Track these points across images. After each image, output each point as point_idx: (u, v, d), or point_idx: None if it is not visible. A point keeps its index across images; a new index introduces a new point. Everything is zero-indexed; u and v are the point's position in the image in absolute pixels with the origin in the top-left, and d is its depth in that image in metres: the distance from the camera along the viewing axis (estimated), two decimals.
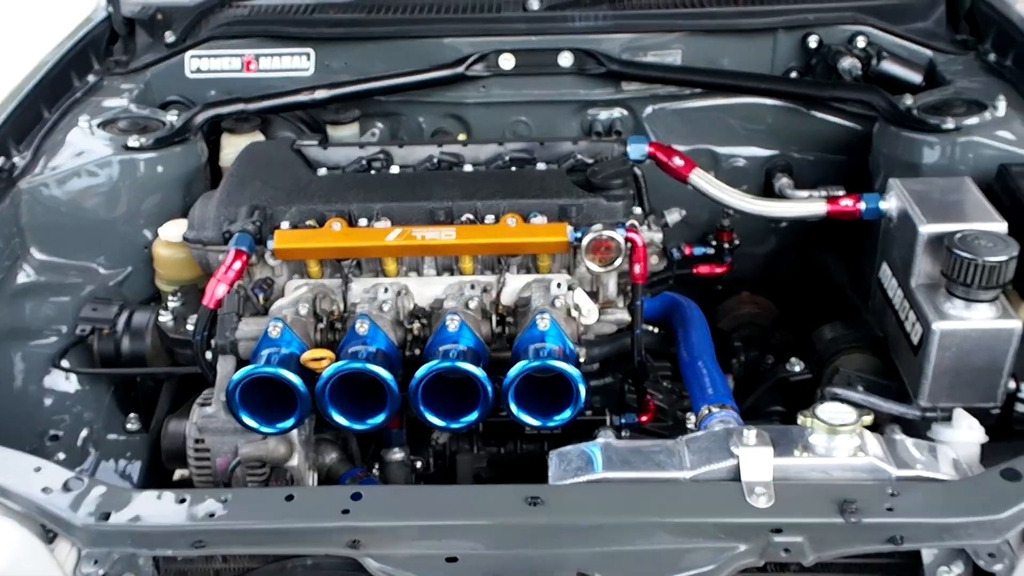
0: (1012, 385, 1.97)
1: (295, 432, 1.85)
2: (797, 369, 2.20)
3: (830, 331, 2.26)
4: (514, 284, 2.00)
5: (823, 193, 2.31)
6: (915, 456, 1.61)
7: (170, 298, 2.19)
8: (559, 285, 1.92)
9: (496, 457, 2.14)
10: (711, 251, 2.54)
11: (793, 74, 2.65)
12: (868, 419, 1.59)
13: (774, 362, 2.29)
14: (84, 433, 2.13)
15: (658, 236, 2.13)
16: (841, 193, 2.23)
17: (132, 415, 2.17)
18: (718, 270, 2.53)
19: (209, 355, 1.93)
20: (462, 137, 2.67)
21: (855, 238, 2.46)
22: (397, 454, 2.09)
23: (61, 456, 2.08)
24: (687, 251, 2.52)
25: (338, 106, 2.58)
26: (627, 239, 1.95)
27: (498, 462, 2.14)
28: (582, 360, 2.02)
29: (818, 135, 2.66)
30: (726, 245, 2.53)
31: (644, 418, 2.07)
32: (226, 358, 1.91)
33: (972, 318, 1.91)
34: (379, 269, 2.03)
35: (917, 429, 1.89)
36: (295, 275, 2.06)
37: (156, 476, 2.11)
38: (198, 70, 2.69)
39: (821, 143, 2.66)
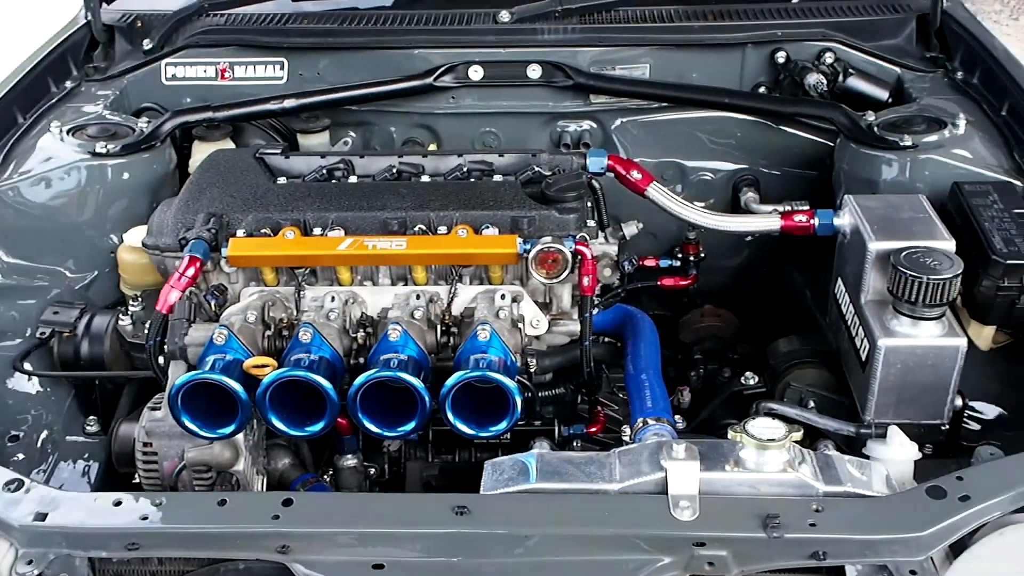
0: (959, 403, 1.98)
1: (241, 437, 1.88)
2: (751, 382, 2.22)
3: (785, 345, 2.27)
4: (465, 295, 2.02)
5: (784, 208, 2.32)
6: (845, 472, 1.62)
7: (131, 303, 2.22)
8: (503, 296, 1.94)
9: (449, 465, 2.16)
10: (677, 264, 2.56)
11: (762, 89, 2.67)
12: (797, 435, 1.60)
13: (730, 375, 2.30)
14: (44, 435, 2.16)
15: (613, 249, 2.15)
16: (805, 208, 2.24)
17: (91, 417, 2.19)
18: (683, 283, 2.55)
19: (162, 360, 1.96)
20: (432, 147, 2.71)
21: (821, 253, 2.48)
22: (350, 460, 2.11)
23: (20, 457, 2.10)
24: (653, 263, 2.55)
25: (308, 115, 2.62)
26: (576, 252, 1.97)
27: (451, 470, 2.15)
28: (533, 371, 2.05)
29: (786, 150, 2.67)
30: (691, 258, 2.55)
31: (593, 429, 2.08)
32: (177, 363, 1.94)
33: (917, 335, 1.91)
34: (334, 278, 2.06)
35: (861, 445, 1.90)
36: (252, 282, 2.08)
37: (113, 478, 2.13)
38: (174, 77, 2.72)
39: (789, 158, 2.67)
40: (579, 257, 1.96)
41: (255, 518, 1.56)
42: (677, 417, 2.24)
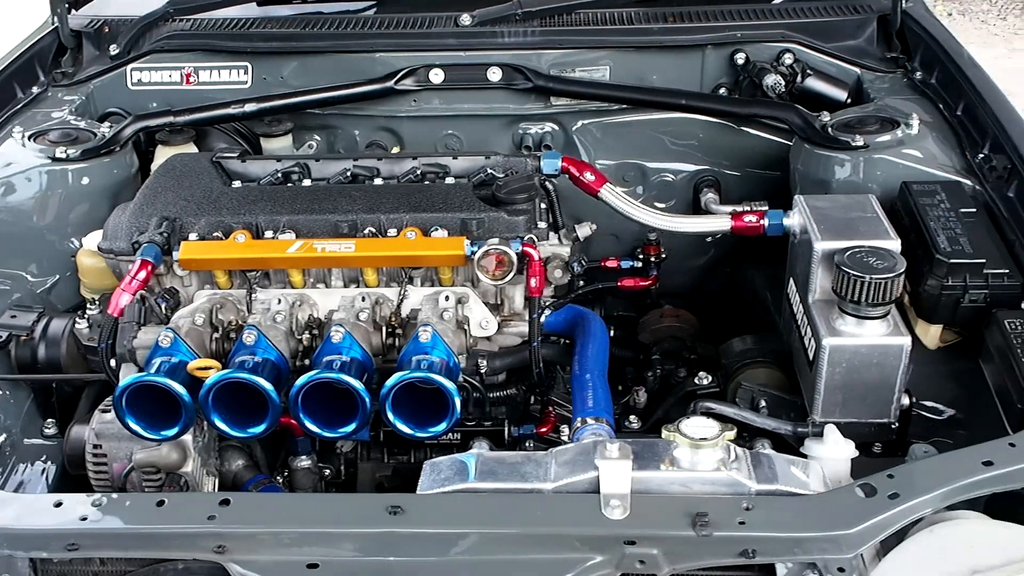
0: (906, 401, 1.99)
1: (189, 439, 1.89)
2: (705, 382, 2.23)
3: (739, 344, 2.29)
4: (416, 297, 2.04)
5: (742, 209, 2.33)
6: (779, 471, 1.63)
7: (89, 306, 2.24)
8: (447, 298, 1.95)
9: (402, 466, 2.18)
10: (638, 264, 2.58)
11: (722, 91, 2.69)
12: (730, 434, 1.61)
13: (686, 375, 2.32)
14: (2, 438, 2.18)
15: (565, 250, 2.16)
16: (758, 209, 2.25)
17: (50, 420, 2.21)
18: (643, 283, 2.57)
19: (114, 363, 1.98)
20: (396, 150, 2.72)
21: (782, 254, 2.49)
22: (304, 462, 2.13)
23: None
24: (615, 264, 2.57)
25: (271, 119, 2.63)
26: (523, 253, 1.98)
27: (404, 471, 2.17)
28: (483, 371, 2.07)
29: (748, 151, 2.68)
30: (652, 259, 2.57)
31: (543, 429, 2.10)
32: (127, 366, 1.96)
33: (862, 334, 1.92)
34: (287, 281, 2.08)
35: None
36: (207, 286, 2.10)
37: (71, 481, 2.15)
38: (139, 82, 2.74)
39: (751, 159, 2.69)
40: (527, 259, 1.98)
41: (191, 518, 1.57)
42: (632, 417, 2.26)
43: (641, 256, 2.57)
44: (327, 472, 2.17)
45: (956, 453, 1.66)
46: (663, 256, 2.58)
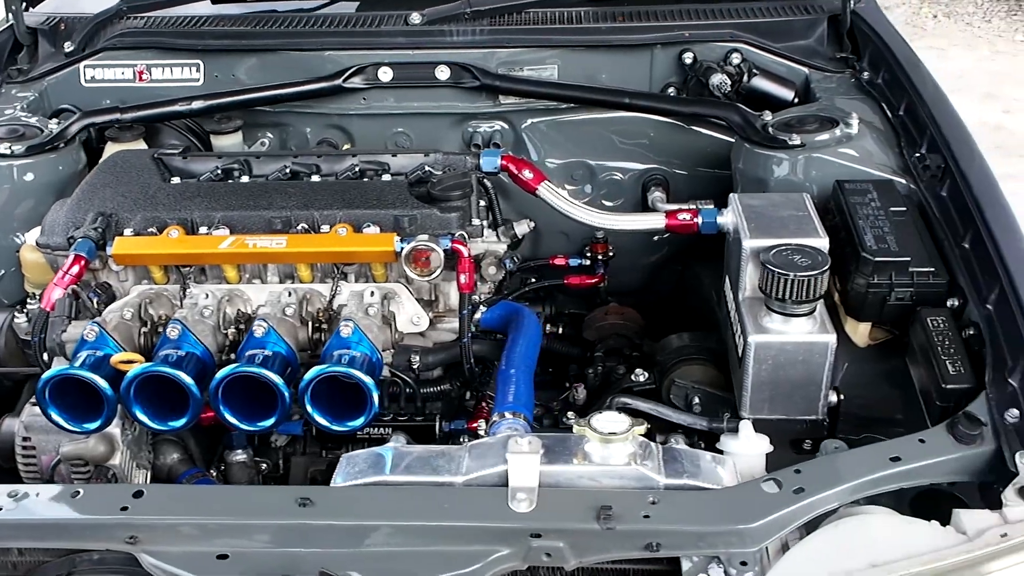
0: (834, 398, 2.00)
1: (118, 432, 1.91)
2: (641, 379, 2.24)
3: (676, 341, 2.30)
4: (348, 292, 2.05)
5: (687, 207, 2.34)
6: (690, 466, 1.64)
7: (29, 300, 2.26)
8: (372, 294, 1.97)
9: (336, 461, 2.18)
10: (587, 262, 2.60)
11: (671, 90, 2.69)
12: (640, 429, 1.62)
13: (624, 372, 2.33)
14: None
15: (500, 247, 2.18)
16: (691, 207, 2.26)
17: None
18: (589, 281, 2.59)
19: (47, 356, 1.99)
20: (347, 147, 2.74)
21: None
22: (239, 455, 2.14)
23: None
24: (563, 262, 2.59)
25: (220, 116, 2.65)
26: (453, 250, 2.00)
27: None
28: (415, 367, 2.08)
29: (698, 150, 2.69)
30: (600, 257, 2.59)
31: (474, 424, 2.11)
32: (59, 359, 1.98)
33: (788, 332, 1.94)
34: (222, 276, 2.09)
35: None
36: (144, 281, 2.12)
37: (4, 473, 2.16)
38: (92, 79, 2.76)
39: (701, 158, 2.70)
40: (457, 255, 1.99)
41: (105, 509, 1.59)
42: (570, 414, 2.27)
43: (589, 254, 2.60)
44: (264, 466, 2.18)
45: (865, 449, 1.68)
46: (611, 254, 2.60)
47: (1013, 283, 1.82)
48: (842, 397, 2.00)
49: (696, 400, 2.15)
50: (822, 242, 1.99)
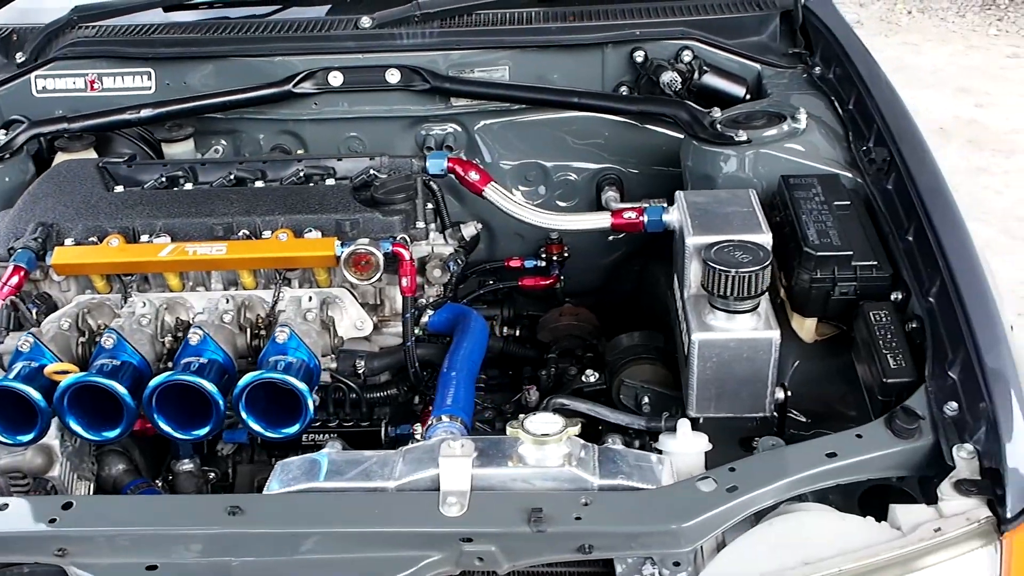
0: (781, 395, 1.99)
1: (56, 443, 1.90)
2: (592, 380, 2.23)
3: (626, 340, 2.29)
4: (289, 298, 2.04)
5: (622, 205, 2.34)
6: (625, 466, 1.63)
7: None
8: (310, 299, 1.96)
9: None
10: (542, 264, 2.59)
11: (623, 89, 2.68)
12: (574, 430, 1.61)
13: (576, 373, 2.31)
14: None
15: (447, 250, 2.17)
16: (636, 205, 2.25)
17: None
18: (543, 282, 2.58)
19: None
20: (300, 153, 2.72)
21: None
22: (186, 465, 2.13)
23: None
24: (518, 264, 2.58)
25: (171, 124, 2.63)
26: (394, 253, 1.99)
27: None
28: (361, 372, 2.07)
29: (653, 149, 2.68)
30: (555, 258, 2.58)
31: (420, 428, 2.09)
32: None
33: (731, 328, 1.92)
34: (166, 284, 2.08)
35: None
36: (87, 291, 2.10)
37: None
38: (44, 89, 2.74)
39: (655, 156, 2.69)
40: (398, 259, 1.98)
41: (33, 522, 1.57)
42: (521, 416, 2.26)
43: (544, 255, 2.59)
44: (211, 475, 2.16)
45: (801, 445, 1.67)
46: (566, 255, 2.59)
47: (953, 276, 1.81)
48: (789, 394, 1.99)
49: (646, 400, 2.14)
50: (765, 238, 1.98)
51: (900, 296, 1.94)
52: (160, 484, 2.11)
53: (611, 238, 2.68)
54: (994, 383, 1.62)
